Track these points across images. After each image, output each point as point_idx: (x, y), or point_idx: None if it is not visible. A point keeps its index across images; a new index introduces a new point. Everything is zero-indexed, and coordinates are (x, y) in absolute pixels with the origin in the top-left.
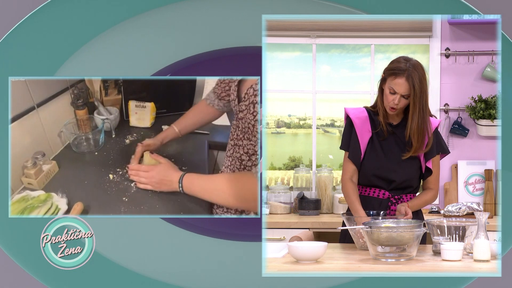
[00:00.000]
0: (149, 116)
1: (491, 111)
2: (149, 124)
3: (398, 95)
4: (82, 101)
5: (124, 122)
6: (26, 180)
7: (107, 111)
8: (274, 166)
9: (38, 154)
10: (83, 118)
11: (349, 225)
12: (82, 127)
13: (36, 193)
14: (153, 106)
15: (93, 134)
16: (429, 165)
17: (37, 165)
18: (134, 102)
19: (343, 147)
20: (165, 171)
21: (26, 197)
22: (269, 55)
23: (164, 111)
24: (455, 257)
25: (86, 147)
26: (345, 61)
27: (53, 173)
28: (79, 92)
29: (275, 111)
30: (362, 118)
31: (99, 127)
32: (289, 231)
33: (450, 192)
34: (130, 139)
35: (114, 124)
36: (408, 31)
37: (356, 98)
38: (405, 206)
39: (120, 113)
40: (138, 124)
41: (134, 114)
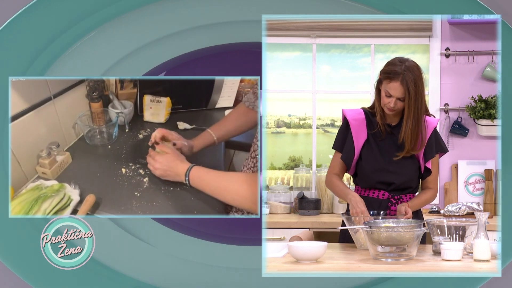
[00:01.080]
0: (164, 111)
1: (491, 111)
2: (164, 119)
3: (394, 98)
4: (97, 93)
5: (138, 116)
6: (41, 169)
7: (121, 105)
8: (274, 166)
9: (53, 144)
10: (97, 111)
11: (349, 225)
12: (96, 120)
13: (50, 183)
14: (168, 101)
15: (107, 128)
16: (428, 165)
17: (52, 155)
18: (149, 96)
19: (336, 147)
20: (171, 162)
21: (40, 186)
22: (269, 55)
23: (179, 107)
24: (455, 257)
25: (99, 140)
26: (345, 61)
27: (66, 164)
28: (94, 84)
29: (275, 111)
30: (359, 120)
31: (113, 120)
32: (289, 231)
33: (450, 192)
34: (143, 134)
35: (128, 118)
36: (408, 31)
37: (356, 98)
38: (405, 206)
39: (135, 107)
40: (152, 119)
41: (148, 109)
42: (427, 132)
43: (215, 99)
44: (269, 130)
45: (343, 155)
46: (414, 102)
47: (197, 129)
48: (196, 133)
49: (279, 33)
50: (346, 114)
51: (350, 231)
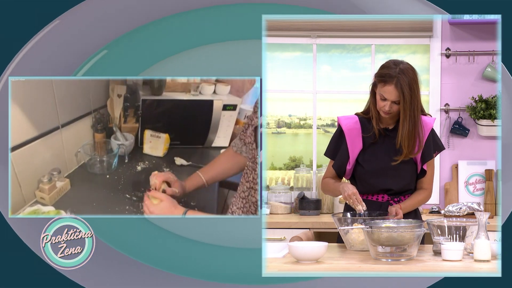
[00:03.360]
0: (162, 146)
1: (491, 111)
2: (162, 154)
3: (389, 101)
4: (102, 125)
5: (138, 148)
6: (40, 194)
7: (123, 137)
8: (275, 166)
9: (55, 170)
10: (100, 141)
11: (340, 226)
12: (98, 149)
13: (47, 209)
14: (167, 137)
15: (107, 157)
16: (424, 166)
17: (52, 181)
18: (149, 131)
19: (329, 155)
20: (166, 209)
21: (37, 211)
22: (269, 55)
23: (177, 143)
24: (456, 257)
25: (99, 169)
26: (345, 61)
27: (65, 190)
28: (100, 117)
29: (275, 111)
30: (355, 129)
31: (114, 151)
32: (289, 231)
33: (450, 192)
34: (141, 166)
35: (128, 150)
36: (409, 31)
37: (357, 98)
38: (396, 207)
39: (135, 140)
40: (151, 152)
41: (148, 143)
42: (424, 133)
43: (212, 138)
44: (270, 130)
45: (335, 165)
46: (409, 105)
47: (193, 166)
48: (192, 170)
49: (279, 33)
50: (341, 123)
51: (341, 232)
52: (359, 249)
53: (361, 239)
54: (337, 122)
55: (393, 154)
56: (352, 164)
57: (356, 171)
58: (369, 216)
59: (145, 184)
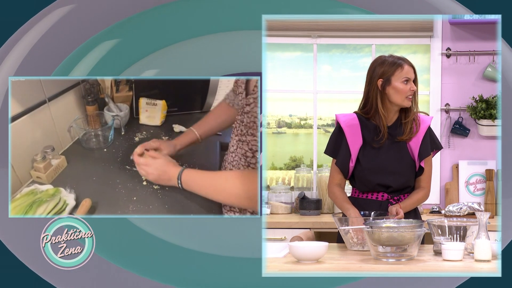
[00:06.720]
0: (159, 114)
1: (492, 111)
2: (159, 122)
3: (411, 80)
4: (92, 96)
5: (134, 119)
6: (35, 173)
7: (117, 108)
8: (275, 166)
9: (48, 148)
10: (93, 114)
11: (340, 226)
12: (91, 123)
13: (45, 187)
14: (164, 104)
15: (102, 131)
16: (422, 164)
17: (46, 159)
18: (145, 99)
19: (329, 153)
20: (163, 166)
21: (35, 191)
22: (270, 55)
23: (175, 109)
24: (456, 257)
25: (95, 143)
26: (346, 61)
27: (61, 168)
28: (90, 87)
29: (276, 111)
30: (354, 125)
31: (109, 123)
32: (290, 231)
33: (451, 192)
34: (139, 137)
35: (124, 121)
36: (409, 31)
37: (357, 98)
38: (396, 206)
39: (131, 110)
40: (148, 122)
41: (144, 112)
42: (421, 130)
43: (210, 102)
44: (270, 130)
45: (338, 162)
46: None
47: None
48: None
49: (279, 33)
50: (340, 120)
51: (341, 232)
52: (359, 249)
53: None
54: (335, 120)
55: (392, 152)
56: (354, 161)
57: (356, 169)
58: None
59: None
